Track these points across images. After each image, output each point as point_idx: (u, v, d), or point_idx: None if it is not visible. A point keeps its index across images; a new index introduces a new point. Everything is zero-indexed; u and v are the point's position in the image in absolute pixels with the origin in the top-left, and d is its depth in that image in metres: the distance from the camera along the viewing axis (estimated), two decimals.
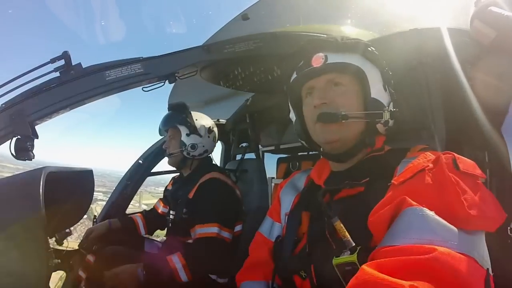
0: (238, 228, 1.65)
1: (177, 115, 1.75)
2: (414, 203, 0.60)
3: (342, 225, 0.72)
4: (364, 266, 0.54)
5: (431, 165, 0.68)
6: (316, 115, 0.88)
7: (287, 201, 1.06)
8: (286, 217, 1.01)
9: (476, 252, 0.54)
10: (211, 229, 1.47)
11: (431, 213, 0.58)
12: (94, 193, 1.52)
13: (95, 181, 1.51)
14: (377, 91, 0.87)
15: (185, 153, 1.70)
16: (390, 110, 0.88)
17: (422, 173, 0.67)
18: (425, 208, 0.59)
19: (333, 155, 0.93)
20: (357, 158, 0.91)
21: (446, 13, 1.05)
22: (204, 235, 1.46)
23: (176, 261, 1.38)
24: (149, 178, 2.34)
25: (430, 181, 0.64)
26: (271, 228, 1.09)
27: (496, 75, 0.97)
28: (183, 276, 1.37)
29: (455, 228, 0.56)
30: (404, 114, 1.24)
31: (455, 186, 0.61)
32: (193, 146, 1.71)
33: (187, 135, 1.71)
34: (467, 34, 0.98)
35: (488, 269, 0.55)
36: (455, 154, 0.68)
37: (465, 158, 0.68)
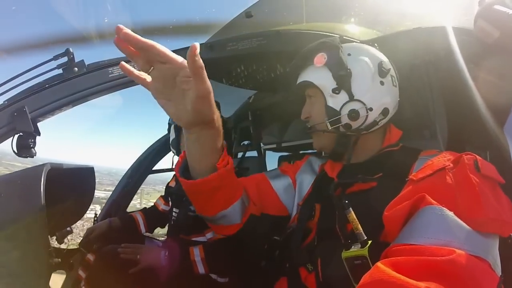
0: None
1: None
2: (434, 201, 0.60)
3: (355, 217, 0.72)
4: (379, 264, 0.53)
5: (451, 165, 0.68)
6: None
7: (303, 183, 1.04)
8: (299, 207, 1.00)
9: (490, 256, 0.55)
10: None
11: (451, 214, 0.58)
12: (104, 191, 1.52)
13: (103, 179, 1.51)
14: (330, 97, 0.90)
15: None
16: (346, 113, 0.87)
17: (442, 172, 0.67)
18: (444, 208, 0.58)
19: (329, 156, 1.00)
20: (371, 152, 0.92)
21: (450, 11, 1.05)
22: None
23: (196, 253, 1.40)
24: (157, 177, 2.33)
25: (450, 181, 0.64)
26: (277, 176, 1.06)
27: (499, 75, 0.97)
28: (201, 269, 1.39)
29: (473, 230, 0.56)
30: (406, 112, 1.25)
31: (475, 187, 0.61)
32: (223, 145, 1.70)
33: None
34: (470, 33, 0.98)
35: (501, 275, 0.55)
36: (477, 156, 0.68)
37: (486, 161, 0.68)
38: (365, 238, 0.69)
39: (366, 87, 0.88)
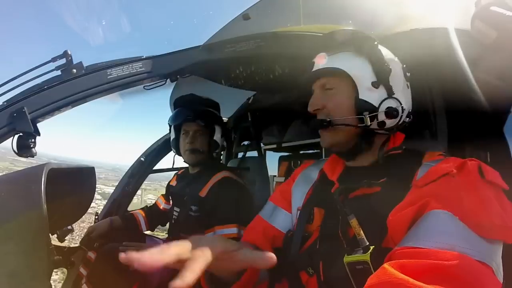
0: None
1: (216, 114, 1.75)
2: (439, 206, 0.60)
3: (357, 223, 0.72)
4: (386, 266, 0.53)
5: (455, 171, 0.67)
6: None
7: (299, 194, 1.00)
8: (298, 212, 0.97)
9: (494, 262, 0.54)
10: (231, 230, 1.47)
11: (455, 218, 0.58)
12: (112, 186, 1.52)
13: (109, 175, 1.52)
14: (366, 91, 0.84)
15: (214, 153, 1.70)
16: (384, 110, 0.83)
17: (446, 177, 0.67)
18: (449, 213, 0.59)
19: (338, 154, 0.94)
20: (373, 155, 0.89)
21: (447, 13, 1.04)
22: (225, 236, 1.46)
23: None
24: (163, 173, 2.35)
25: (454, 186, 0.64)
26: (273, 212, 1.03)
27: (498, 75, 0.96)
28: None
29: (477, 236, 0.56)
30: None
31: (480, 193, 0.61)
32: (223, 147, 1.73)
33: (221, 136, 1.72)
34: (468, 34, 0.97)
35: (503, 282, 0.55)
36: (481, 162, 0.68)
37: (490, 167, 0.68)
38: (367, 244, 0.69)
39: (401, 86, 0.86)
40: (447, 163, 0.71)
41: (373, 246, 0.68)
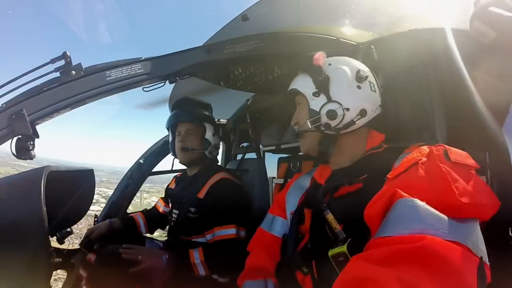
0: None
1: (205, 113, 1.75)
2: (405, 194, 0.62)
3: (333, 217, 0.77)
4: (353, 257, 0.57)
5: (424, 159, 0.70)
6: None
7: (292, 201, 1.10)
8: (291, 216, 1.05)
9: (469, 240, 0.56)
10: (230, 231, 1.48)
11: (422, 203, 0.59)
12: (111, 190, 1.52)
13: (111, 178, 1.52)
14: (311, 100, 0.98)
15: (207, 152, 1.71)
16: (325, 113, 0.93)
17: (415, 166, 0.69)
18: (415, 199, 0.60)
19: (316, 158, 1.06)
20: (356, 156, 0.96)
21: (446, 13, 1.04)
22: (224, 237, 1.47)
23: (196, 256, 1.42)
24: (166, 175, 2.34)
25: (423, 173, 0.66)
26: (272, 222, 1.16)
27: (496, 75, 0.97)
28: (202, 271, 1.41)
29: (445, 217, 0.57)
30: (405, 114, 1.25)
31: (446, 175, 0.62)
32: (216, 147, 1.74)
33: (213, 134, 1.72)
34: (467, 34, 0.98)
35: (481, 257, 0.55)
36: (446, 146, 0.70)
37: (457, 150, 0.70)
38: (345, 236, 0.73)
39: (343, 90, 0.95)
40: (418, 152, 0.74)
41: (350, 238, 0.72)
